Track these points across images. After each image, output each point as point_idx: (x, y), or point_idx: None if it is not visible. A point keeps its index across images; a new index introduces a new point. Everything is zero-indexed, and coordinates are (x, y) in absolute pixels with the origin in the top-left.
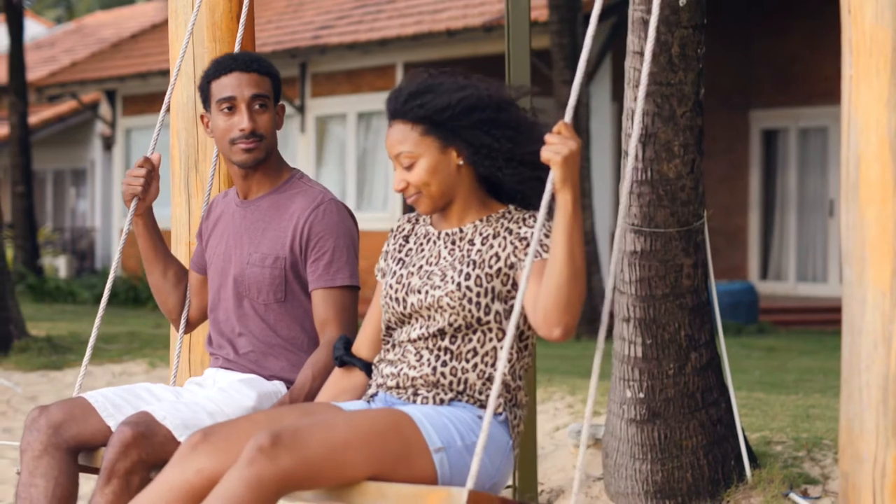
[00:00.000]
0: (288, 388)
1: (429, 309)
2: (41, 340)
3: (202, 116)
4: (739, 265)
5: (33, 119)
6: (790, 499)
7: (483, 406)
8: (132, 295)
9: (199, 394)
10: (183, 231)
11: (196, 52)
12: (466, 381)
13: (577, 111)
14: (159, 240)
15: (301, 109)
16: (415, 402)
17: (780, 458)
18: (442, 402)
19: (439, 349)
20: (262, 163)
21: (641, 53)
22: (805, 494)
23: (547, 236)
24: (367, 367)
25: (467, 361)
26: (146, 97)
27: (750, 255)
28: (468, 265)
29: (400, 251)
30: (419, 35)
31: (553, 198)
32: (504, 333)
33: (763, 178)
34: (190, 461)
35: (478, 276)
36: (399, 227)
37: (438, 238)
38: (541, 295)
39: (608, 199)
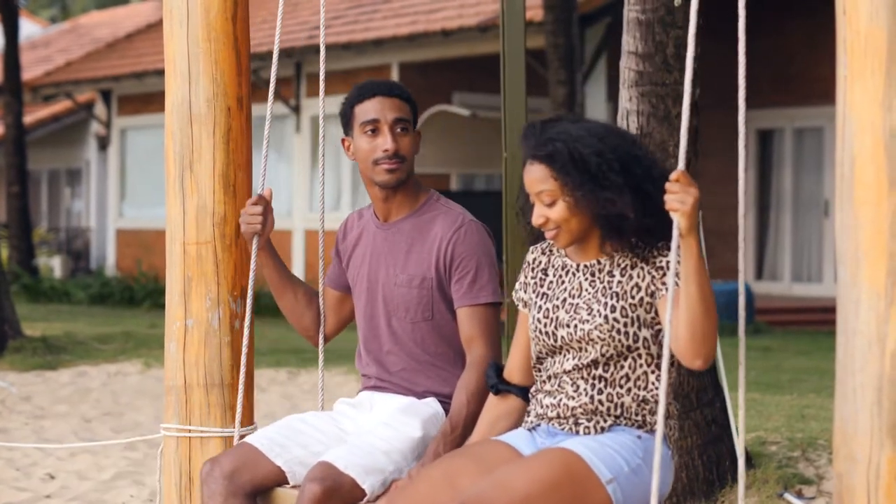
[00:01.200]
0: (440, 402)
1: (580, 342)
2: (36, 340)
3: (343, 140)
4: (734, 265)
5: (28, 119)
6: (785, 499)
7: (640, 426)
8: (127, 295)
9: (360, 422)
10: (177, 231)
11: (191, 52)
12: (622, 405)
13: (571, 111)
14: (283, 266)
15: (296, 109)
16: (577, 432)
17: (775, 458)
18: (602, 429)
19: (594, 378)
20: (402, 184)
21: (637, 53)
22: (800, 495)
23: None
24: (521, 391)
25: (621, 387)
26: (141, 97)
27: (745, 255)
28: (612, 297)
29: (541, 284)
30: (414, 35)
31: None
32: (652, 357)
33: (758, 179)
34: None
35: (623, 308)
36: (535, 259)
37: (577, 270)
38: (678, 331)
39: None
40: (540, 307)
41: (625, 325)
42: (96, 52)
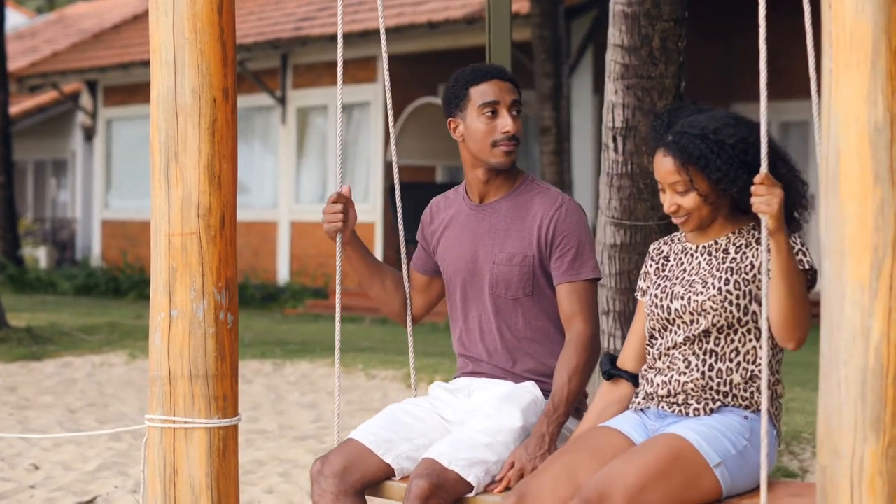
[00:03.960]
0: (539, 383)
1: (692, 313)
2: (21, 331)
3: (450, 122)
4: None
5: (14, 109)
6: None
7: (748, 406)
8: (113, 286)
9: (461, 411)
10: (162, 222)
11: (177, 43)
12: (732, 381)
13: (557, 103)
14: (370, 258)
15: (282, 101)
16: (687, 413)
17: None
18: (711, 410)
19: (704, 352)
20: (511, 166)
21: (622, 46)
22: None
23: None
24: (634, 378)
25: (731, 361)
26: (127, 88)
27: None
28: (727, 272)
29: (663, 269)
30: (401, 27)
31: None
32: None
33: None
34: None
35: (736, 281)
36: (657, 249)
37: (696, 251)
38: (772, 317)
39: (589, 191)
40: (658, 285)
41: (737, 297)
42: (82, 42)
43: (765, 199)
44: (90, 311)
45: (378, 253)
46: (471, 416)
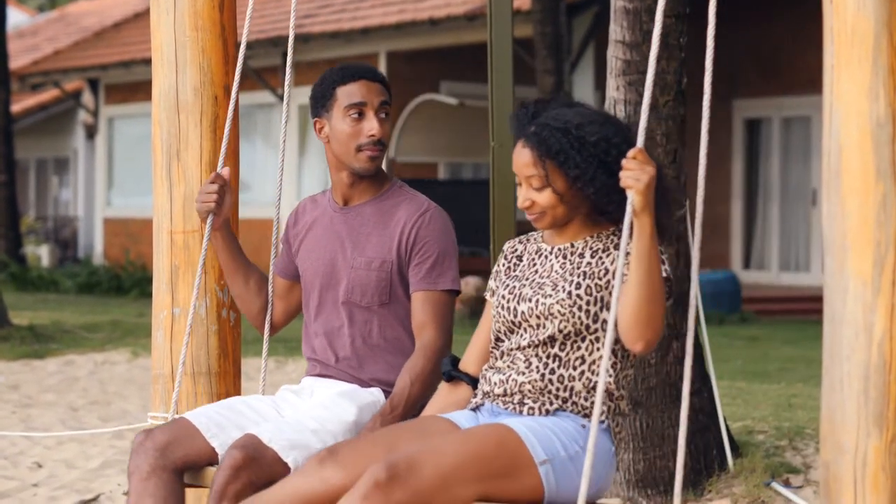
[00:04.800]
0: (385, 392)
1: (539, 317)
2: (23, 329)
3: (316, 122)
4: (722, 254)
5: (16, 107)
6: (772, 488)
7: (587, 415)
8: (115, 284)
9: (301, 408)
10: (164, 220)
11: (178, 41)
12: (572, 388)
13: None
14: (238, 251)
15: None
16: (521, 412)
17: (762, 447)
18: (547, 412)
19: (548, 356)
20: (376, 171)
21: (624, 42)
22: (787, 484)
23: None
24: (474, 382)
25: (574, 369)
26: (129, 85)
27: (733, 244)
28: (580, 276)
29: (514, 269)
30: (402, 24)
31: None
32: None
33: (746, 168)
34: (315, 472)
35: (588, 286)
36: (511, 247)
37: (550, 253)
38: (622, 313)
39: None
40: (507, 285)
41: (587, 303)
42: (84, 40)
43: (635, 173)
44: (92, 310)
45: None
46: (307, 408)
